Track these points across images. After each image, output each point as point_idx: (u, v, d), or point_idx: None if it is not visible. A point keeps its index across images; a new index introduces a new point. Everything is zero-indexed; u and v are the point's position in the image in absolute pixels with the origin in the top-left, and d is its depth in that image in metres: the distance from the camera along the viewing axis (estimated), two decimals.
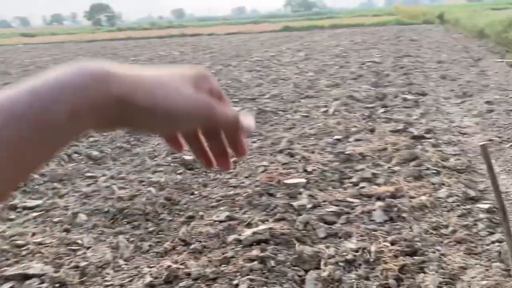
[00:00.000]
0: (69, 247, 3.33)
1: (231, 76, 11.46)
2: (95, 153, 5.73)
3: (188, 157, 5.08)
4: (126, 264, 3.19)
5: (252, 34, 31.36)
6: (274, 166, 4.95)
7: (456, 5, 46.72)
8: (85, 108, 0.36)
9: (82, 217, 3.84)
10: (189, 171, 4.82)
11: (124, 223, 3.80)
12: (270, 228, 3.33)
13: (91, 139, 6.23)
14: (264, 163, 5.09)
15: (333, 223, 3.61)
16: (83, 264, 3.09)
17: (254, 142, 6.07)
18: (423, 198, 3.80)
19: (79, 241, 3.42)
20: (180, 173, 4.75)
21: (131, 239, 3.50)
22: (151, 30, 46.13)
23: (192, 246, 3.25)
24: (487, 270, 2.83)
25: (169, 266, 2.98)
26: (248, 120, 0.51)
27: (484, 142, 2.19)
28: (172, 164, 4.95)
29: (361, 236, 3.36)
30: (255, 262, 2.96)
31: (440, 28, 25.14)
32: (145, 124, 0.41)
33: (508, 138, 5.38)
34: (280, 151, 5.59)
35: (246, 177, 4.75)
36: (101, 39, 36.14)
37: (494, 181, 2.28)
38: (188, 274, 2.94)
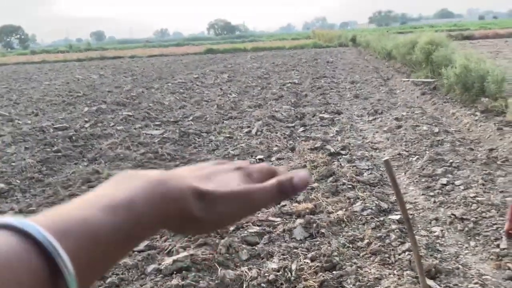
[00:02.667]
0: None
1: (153, 99, 11.25)
2: (1, 185, 5.26)
3: None
4: None
5: (175, 57, 31.17)
6: None
7: (367, 29, 50.27)
8: (160, 221, 0.42)
9: None
10: None
11: None
12: (192, 255, 3.25)
13: None
14: None
15: (256, 243, 3.62)
16: None
17: (176, 165, 5.96)
18: (340, 212, 3.95)
19: None
20: None
21: None
22: (69, 53, 44.12)
23: (109, 280, 3.07)
24: (399, 279, 2.98)
25: None
26: (300, 175, 0.51)
27: (387, 158, 2.33)
28: None
29: (283, 255, 3.40)
30: None
31: (353, 50, 26.86)
32: (195, 231, 0.48)
33: (415, 152, 5.80)
34: None
35: None
36: (12, 62, 33.84)
37: (398, 194, 2.42)
38: None
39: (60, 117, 9.44)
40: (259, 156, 6.05)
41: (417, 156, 5.61)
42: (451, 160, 5.21)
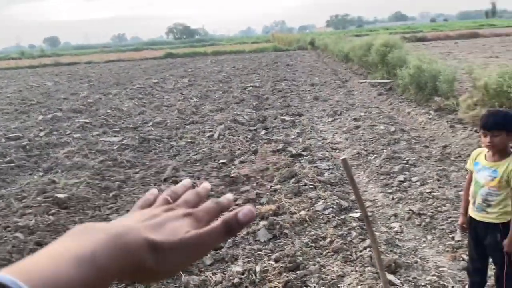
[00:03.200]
0: None
1: (111, 105, 10.98)
2: None
3: (62, 195, 4.67)
4: None
5: (133, 62, 30.56)
6: None
7: (324, 33, 51.28)
8: (118, 272, 0.44)
9: None
10: (63, 210, 4.43)
11: None
12: None
13: None
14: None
15: (220, 248, 3.60)
16: None
17: (136, 172, 5.83)
18: (303, 213, 3.99)
19: None
20: (53, 214, 4.33)
21: None
22: (21, 59, 42.34)
23: None
24: (361, 275, 3.05)
25: None
26: (244, 211, 0.51)
27: (345, 157, 2.38)
28: (43, 204, 4.49)
29: (247, 257, 3.39)
30: None
31: (312, 53, 27.30)
32: (148, 280, 0.49)
33: (373, 151, 5.96)
34: (165, 180, 5.45)
35: (128, 211, 4.52)
36: None
37: (356, 192, 2.47)
38: None
39: (12, 126, 9.04)
40: (221, 160, 6.03)
41: (375, 155, 5.76)
42: (407, 158, 5.39)
